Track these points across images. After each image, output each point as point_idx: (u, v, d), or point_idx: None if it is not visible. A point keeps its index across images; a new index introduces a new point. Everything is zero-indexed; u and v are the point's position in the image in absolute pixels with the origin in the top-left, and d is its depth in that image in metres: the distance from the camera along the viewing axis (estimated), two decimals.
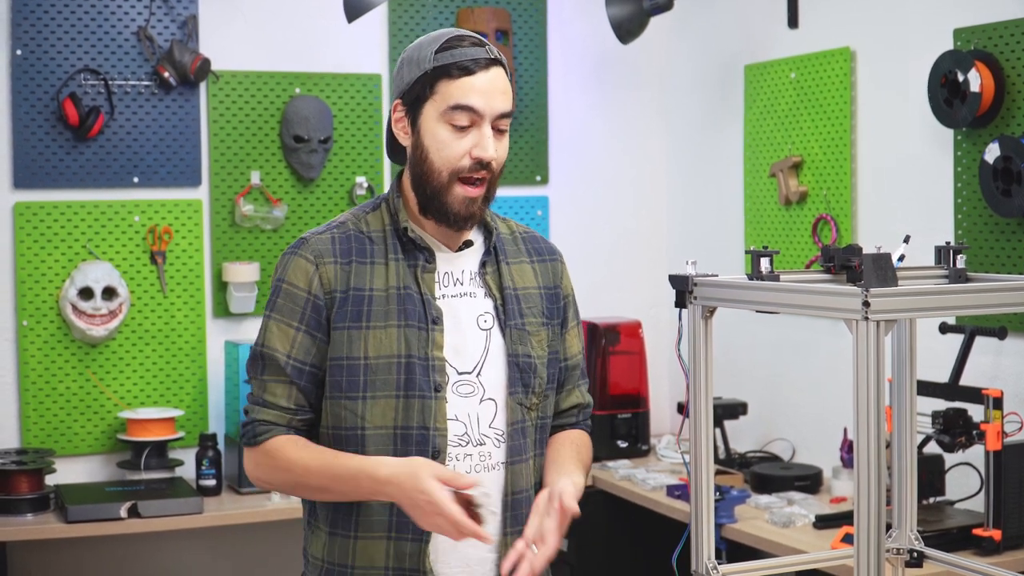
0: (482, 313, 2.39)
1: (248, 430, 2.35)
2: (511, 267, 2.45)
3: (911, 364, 2.51)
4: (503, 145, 2.35)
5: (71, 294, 4.30)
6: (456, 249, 2.41)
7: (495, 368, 2.38)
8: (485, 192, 2.34)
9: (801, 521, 3.73)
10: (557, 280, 2.51)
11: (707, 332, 2.39)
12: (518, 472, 2.37)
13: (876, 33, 4.14)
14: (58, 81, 4.37)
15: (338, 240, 2.36)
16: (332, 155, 4.74)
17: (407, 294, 2.34)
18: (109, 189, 4.47)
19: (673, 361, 5.01)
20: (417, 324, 2.32)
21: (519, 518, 2.36)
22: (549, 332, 2.46)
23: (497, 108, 2.31)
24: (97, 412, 4.43)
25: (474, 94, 2.29)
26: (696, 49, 5.08)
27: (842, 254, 2.38)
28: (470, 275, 2.41)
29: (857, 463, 2.04)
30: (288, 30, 4.71)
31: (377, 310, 2.32)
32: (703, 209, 5.07)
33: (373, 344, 2.31)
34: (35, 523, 3.94)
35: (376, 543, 2.32)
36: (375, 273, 2.35)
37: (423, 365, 2.31)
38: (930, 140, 3.89)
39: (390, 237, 2.38)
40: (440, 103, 2.30)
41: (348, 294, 2.32)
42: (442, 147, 2.31)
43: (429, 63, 2.32)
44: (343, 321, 2.32)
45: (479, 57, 2.30)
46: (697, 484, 2.41)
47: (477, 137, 2.30)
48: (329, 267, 2.33)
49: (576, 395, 2.54)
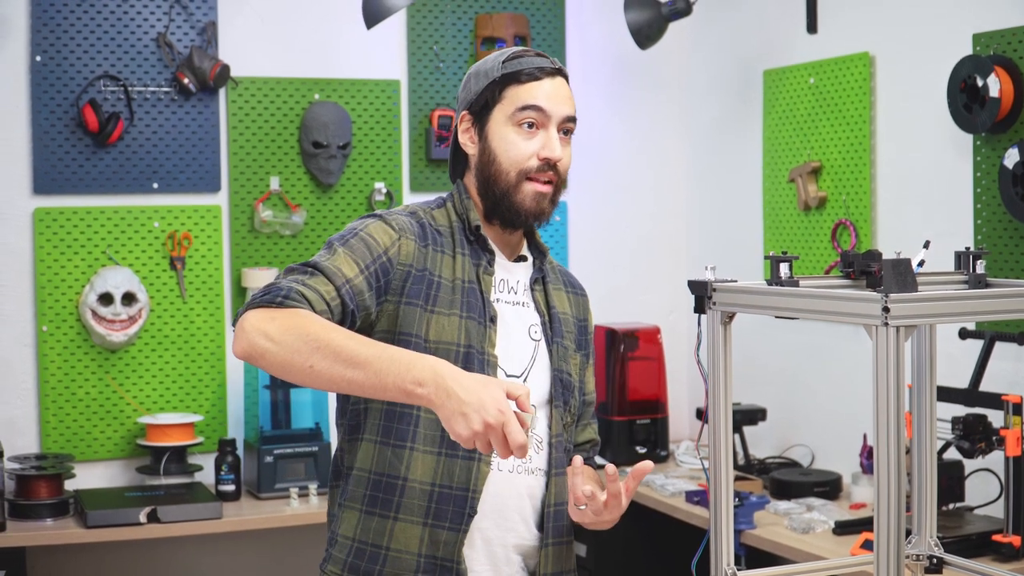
0: (533, 324, 2.45)
1: (276, 292, 2.15)
2: (554, 292, 2.52)
3: (931, 370, 2.51)
4: (568, 151, 2.43)
5: (91, 299, 4.32)
6: (513, 260, 2.48)
7: (541, 378, 2.43)
8: (553, 194, 2.42)
9: (820, 527, 3.73)
10: (585, 314, 2.60)
11: (726, 338, 2.39)
12: (561, 483, 2.42)
13: (895, 38, 4.14)
14: (78, 87, 4.39)
15: (415, 224, 2.40)
16: (351, 161, 4.76)
17: (470, 288, 2.39)
18: (129, 195, 4.49)
19: (692, 367, 5.02)
20: (478, 318, 2.37)
21: (560, 529, 2.41)
22: (580, 360, 2.54)
23: (563, 111, 2.40)
24: (116, 417, 4.45)
25: (542, 96, 2.38)
26: (715, 54, 5.09)
27: (861, 259, 2.39)
28: (524, 287, 2.48)
29: (877, 469, 2.04)
30: (307, 36, 4.73)
31: (443, 297, 2.36)
32: (722, 214, 5.07)
33: (435, 328, 2.33)
34: (55, 528, 3.96)
35: (413, 527, 2.33)
36: (443, 262, 2.39)
37: (480, 358, 2.35)
38: (949, 145, 3.89)
39: (457, 233, 2.43)
40: (508, 106, 2.39)
41: (423, 274, 2.35)
42: (510, 148, 2.38)
43: (498, 71, 2.41)
44: (416, 298, 2.33)
45: (545, 65, 2.42)
46: (716, 490, 2.41)
47: (544, 138, 2.39)
48: (410, 242, 2.36)
49: (590, 431, 2.61)
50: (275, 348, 2.05)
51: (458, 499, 2.32)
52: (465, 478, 2.32)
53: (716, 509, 2.43)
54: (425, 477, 2.32)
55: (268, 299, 2.13)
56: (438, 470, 2.32)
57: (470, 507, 2.33)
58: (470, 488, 2.32)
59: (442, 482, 2.32)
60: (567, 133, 2.42)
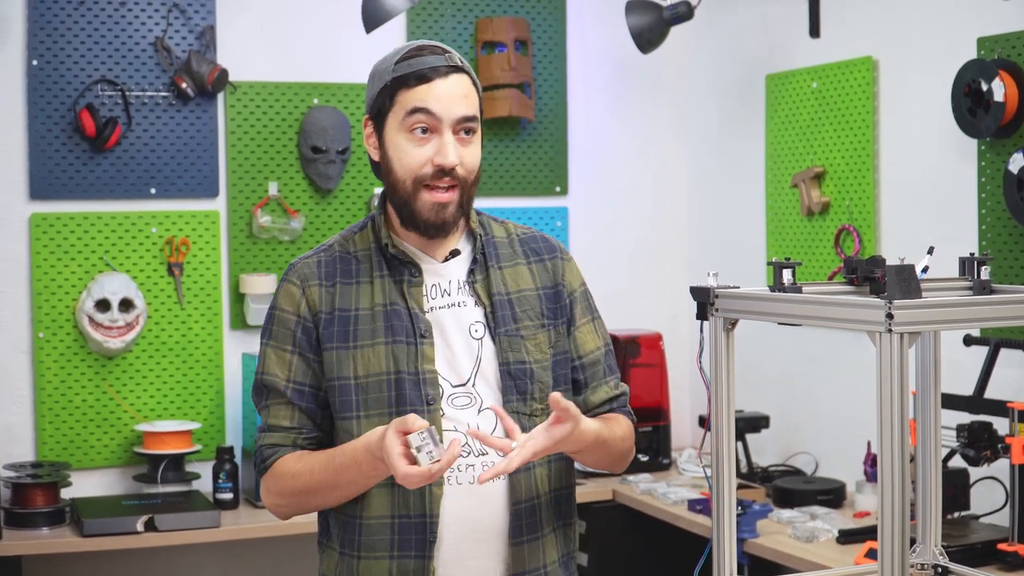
0: (473, 322, 2.40)
1: (257, 457, 2.41)
2: (504, 271, 2.45)
3: (935, 377, 2.50)
4: (471, 151, 2.35)
5: (88, 306, 4.31)
6: (443, 260, 2.42)
7: (488, 378, 2.38)
8: (458, 199, 2.34)
9: (824, 536, 3.72)
10: (558, 278, 2.50)
11: (729, 344, 2.39)
12: (518, 481, 2.36)
13: (899, 42, 4.13)
14: (75, 92, 4.39)
15: (323, 263, 2.41)
16: (350, 166, 4.76)
17: (394, 310, 2.36)
18: (126, 200, 4.49)
19: (694, 374, 5.01)
20: (405, 339, 2.34)
21: (524, 528, 2.36)
22: (552, 333, 2.45)
23: (456, 112, 2.31)
24: (113, 425, 4.45)
25: (431, 99, 2.30)
26: (717, 58, 5.09)
27: (865, 265, 2.38)
28: (458, 284, 2.42)
29: (881, 477, 2.03)
30: (306, 40, 4.73)
31: (364, 329, 2.35)
32: (724, 220, 5.07)
33: (362, 363, 2.34)
34: (51, 537, 3.96)
35: (380, 563, 2.33)
36: (361, 292, 2.38)
37: (413, 380, 2.33)
38: (953, 150, 3.88)
39: (375, 255, 2.41)
40: (400, 112, 2.33)
41: (334, 315, 2.37)
42: (403, 156, 2.33)
43: (389, 75, 2.35)
44: (331, 342, 2.36)
45: (437, 65, 2.32)
46: (719, 498, 2.41)
47: (438, 144, 2.31)
48: (314, 289, 2.38)
49: (604, 391, 2.50)
50: (289, 507, 2.42)
51: (417, 527, 2.32)
52: (420, 504, 2.31)
53: (719, 518, 2.42)
54: (383, 511, 2.33)
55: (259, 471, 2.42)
56: (394, 501, 2.33)
57: (431, 533, 2.31)
58: (427, 513, 2.31)
59: (400, 512, 2.32)
60: (469, 132, 2.33)
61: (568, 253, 2.56)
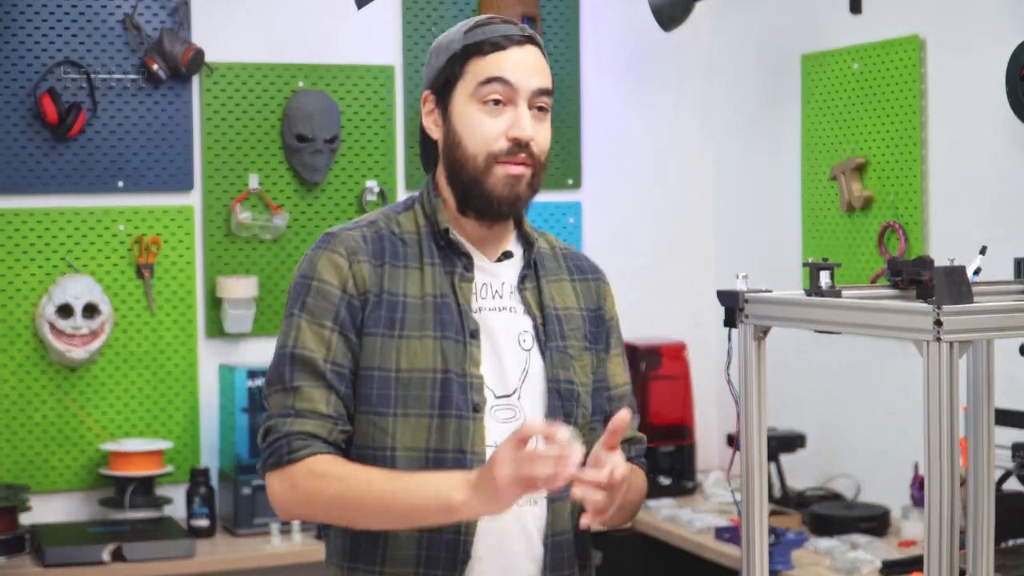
0: (523, 331, 2.41)
1: (280, 445, 2.29)
2: (551, 284, 2.47)
3: (988, 390, 2.51)
4: (544, 129, 2.38)
5: (48, 311, 4.33)
6: (495, 260, 2.44)
7: (534, 393, 2.39)
8: (530, 178, 2.37)
9: (866, 567, 3.73)
10: (600, 301, 2.54)
11: (760, 354, 2.40)
12: (558, 511, 2.38)
13: (948, 19, 4.14)
14: (35, 75, 4.41)
15: (369, 239, 2.38)
16: (339, 156, 4.77)
17: (444, 303, 2.36)
18: (91, 195, 4.51)
19: (722, 387, 5.02)
20: (455, 336, 2.34)
21: (561, 562, 2.38)
22: (593, 358, 2.48)
23: (532, 84, 2.35)
24: (76, 444, 4.46)
25: (507, 67, 2.34)
26: (747, 37, 5.10)
27: (911, 267, 2.39)
28: (510, 288, 2.43)
29: (928, 502, 2.05)
30: (291, 18, 4.75)
31: (412, 318, 2.34)
32: (755, 217, 5.08)
33: (407, 355, 2.32)
34: (8, 567, 3.97)
35: None
36: (409, 278, 2.37)
37: (461, 382, 2.32)
38: (1008, 139, 3.89)
39: (425, 240, 2.41)
40: (471, 81, 2.35)
41: (382, 297, 2.34)
42: (476, 129, 2.35)
43: (459, 43, 2.37)
44: (376, 327, 2.33)
45: (512, 33, 2.36)
46: (749, 526, 2.42)
47: (513, 116, 2.34)
48: (364, 265, 2.35)
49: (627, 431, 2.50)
50: (311, 515, 2.34)
51: (450, 543, 2.31)
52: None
53: (749, 547, 2.43)
54: None
55: (275, 461, 2.28)
56: None
57: (463, 551, 2.31)
58: (461, 530, 2.31)
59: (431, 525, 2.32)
60: (542, 109, 2.37)
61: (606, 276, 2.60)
